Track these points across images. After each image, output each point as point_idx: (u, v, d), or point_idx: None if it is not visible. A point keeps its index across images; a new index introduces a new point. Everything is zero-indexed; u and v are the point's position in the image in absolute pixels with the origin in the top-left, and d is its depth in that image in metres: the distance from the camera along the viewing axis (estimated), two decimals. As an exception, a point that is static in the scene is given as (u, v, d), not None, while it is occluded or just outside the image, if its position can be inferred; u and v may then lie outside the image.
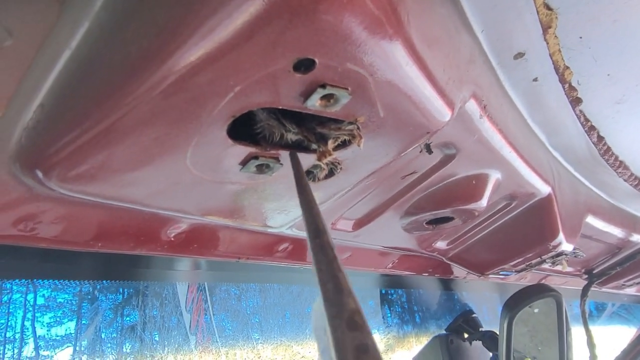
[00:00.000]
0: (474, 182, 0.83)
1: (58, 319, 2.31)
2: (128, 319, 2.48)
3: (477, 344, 1.89)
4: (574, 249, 1.15)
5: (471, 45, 0.62)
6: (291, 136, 0.51)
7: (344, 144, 0.54)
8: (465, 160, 0.76)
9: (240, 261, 0.83)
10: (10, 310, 2.19)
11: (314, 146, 0.52)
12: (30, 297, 2.25)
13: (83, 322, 2.35)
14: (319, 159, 0.53)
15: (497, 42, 0.64)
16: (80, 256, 0.92)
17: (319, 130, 0.50)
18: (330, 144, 0.51)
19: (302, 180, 0.46)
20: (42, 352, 2.21)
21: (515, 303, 1.43)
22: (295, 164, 0.50)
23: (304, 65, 0.42)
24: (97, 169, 0.49)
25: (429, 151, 0.68)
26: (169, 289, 2.56)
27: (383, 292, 2.26)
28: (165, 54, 0.39)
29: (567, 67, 0.73)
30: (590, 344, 1.58)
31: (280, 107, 0.47)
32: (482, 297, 2.59)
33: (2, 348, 2.13)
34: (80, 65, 0.43)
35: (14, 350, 2.16)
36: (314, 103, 0.46)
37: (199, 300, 2.48)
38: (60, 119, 0.46)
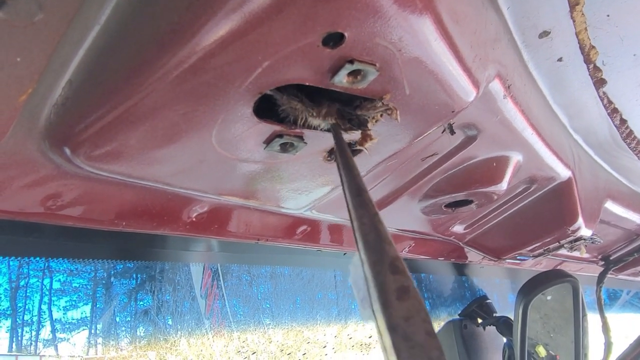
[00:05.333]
0: (494, 164, 0.82)
1: (74, 303, 2.35)
2: (142, 303, 2.53)
3: (491, 329, 1.89)
4: (592, 234, 1.14)
5: (497, 23, 0.61)
6: (318, 122, 0.50)
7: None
8: (486, 142, 0.75)
9: (259, 243, 0.84)
10: (28, 294, 2.23)
11: (353, 130, 0.51)
12: (46, 281, 2.30)
13: (98, 306, 2.40)
14: (361, 144, 0.52)
15: (523, 19, 0.63)
16: (98, 236, 0.93)
17: (357, 112, 0.50)
18: (371, 125, 0.51)
19: (342, 142, 0.47)
20: (58, 335, 2.26)
21: (531, 288, 1.42)
22: (337, 133, 0.49)
23: (333, 40, 0.42)
24: (124, 145, 0.49)
25: (452, 132, 0.68)
26: (181, 275, 2.60)
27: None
28: (195, 28, 0.39)
29: (593, 47, 0.72)
30: (606, 330, 1.58)
31: (307, 84, 0.46)
32: (493, 284, 2.59)
33: (20, 330, 2.18)
34: (109, 40, 0.43)
35: (31, 333, 2.21)
36: (342, 79, 0.45)
37: (213, 287, 2.52)
38: (89, 95, 0.46)
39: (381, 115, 0.51)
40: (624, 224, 1.36)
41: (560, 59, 0.73)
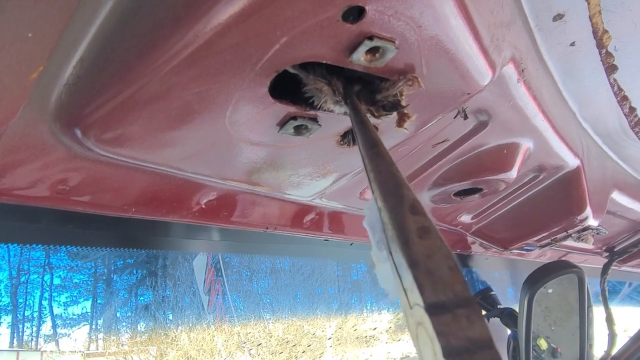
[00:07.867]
0: (504, 151, 0.81)
1: (74, 299, 2.35)
2: (142, 298, 2.53)
3: (495, 320, 1.89)
4: (598, 225, 1.14)
5: (512, 4, 0.60)
6: (341, 109, 0.49)
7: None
8: (498, 128, 0.75)
9: (267, 231, 0.83)
10: (28, 290, 2.23)
11: (387, 114, 0.50)
12: (47, 277, 2.29)
13: (99, 301, 2.40)
14: (400, 125, 0.51)
15: (538, 1, 0.62)
16: (103, 223, 0.92)
17: (378, 97, 0.49)
18: (404, 102, 0.50)
19: (354, 101, 0.47)
20: (59, 330, 2.26)
21: (537, 279, 1.42)
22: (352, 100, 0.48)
23: (353, 15, 0.41)
24: (136, 127, 0.48)
25: (465, 116, 0.67)
26: (181, 270, 2.60)
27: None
28: (212, 1, 0.38)
29: (606, 31, 0.71)
30: (610, 321, 1.58)
31: (325, 62, 0.45)
32: (492, 278, 2.59)
33: (21, 326, 2.18)
34: (121, 17, 0.42)
35: (32, 329, 2.21)
36: (359, 57, 0.44)
37: (216, 283, 2.52)
38: (101, 74, 0.45)
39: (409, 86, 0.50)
40: (630, 215, 1.36)
41: (572, 44, 0.72)
